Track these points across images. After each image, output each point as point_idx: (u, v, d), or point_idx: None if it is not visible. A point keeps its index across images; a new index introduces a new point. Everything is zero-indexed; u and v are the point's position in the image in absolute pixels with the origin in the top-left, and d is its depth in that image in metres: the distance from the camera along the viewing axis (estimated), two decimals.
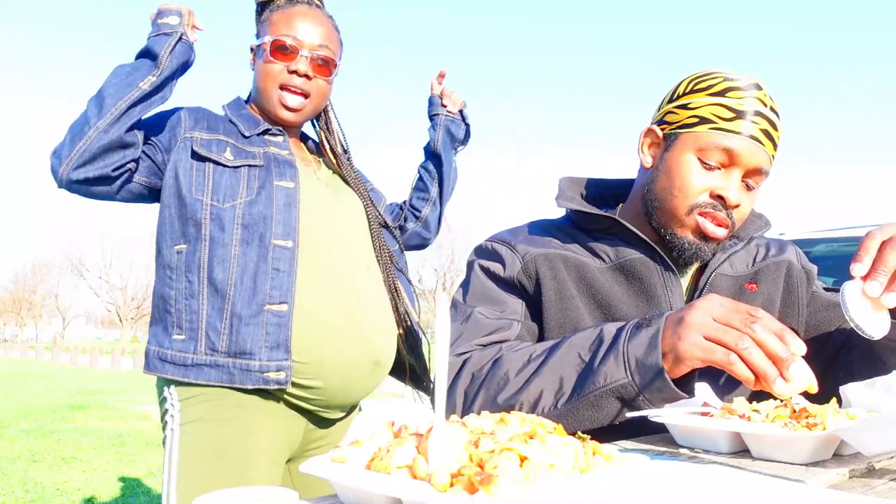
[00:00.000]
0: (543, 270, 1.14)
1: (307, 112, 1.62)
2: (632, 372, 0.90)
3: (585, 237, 1.19)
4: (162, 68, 1.43)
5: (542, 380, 0.97)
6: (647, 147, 1.19)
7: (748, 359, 0.82)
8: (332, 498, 0.66)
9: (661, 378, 0.88)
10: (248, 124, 1.58)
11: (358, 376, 1.50)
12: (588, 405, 0.93)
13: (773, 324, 0.84)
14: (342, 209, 1.63)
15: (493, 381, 1.01)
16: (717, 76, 1.11)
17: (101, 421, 7.70)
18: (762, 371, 0.81)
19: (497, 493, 0.50)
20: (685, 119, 1.12)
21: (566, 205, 1.20)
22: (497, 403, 0.99)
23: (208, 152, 1.48)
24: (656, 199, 1.15)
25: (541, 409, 0.96)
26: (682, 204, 1.11)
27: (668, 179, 1.13)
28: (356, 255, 1.59)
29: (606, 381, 0.92)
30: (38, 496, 4.25)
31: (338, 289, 1.50)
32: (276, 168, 1.51)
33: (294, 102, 1.59)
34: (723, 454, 0.86)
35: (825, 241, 4.09)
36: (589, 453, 0.61)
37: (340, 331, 1.47)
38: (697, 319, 0.87)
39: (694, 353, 0.86)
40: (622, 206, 1.27)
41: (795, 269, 1.26)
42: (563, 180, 1.27)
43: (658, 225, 1.15)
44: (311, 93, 1.60)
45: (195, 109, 1.58)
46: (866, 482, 0.73)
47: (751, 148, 1.08)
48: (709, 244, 1.12)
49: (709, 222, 1.10)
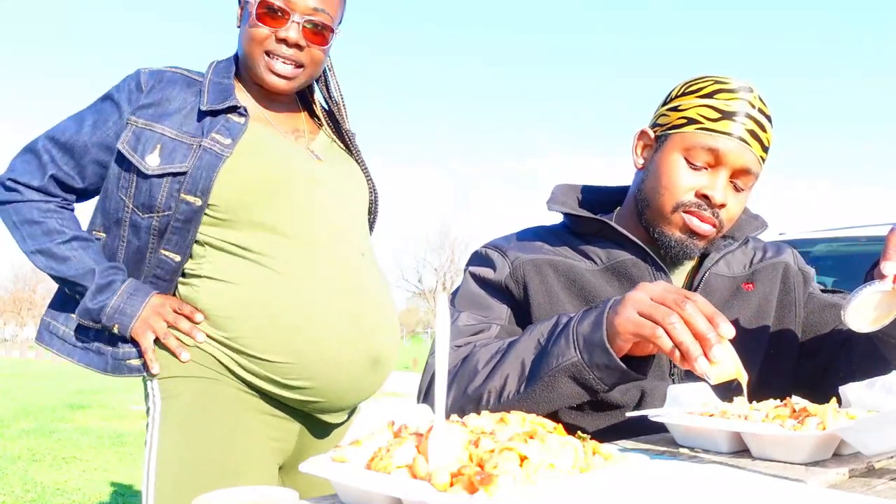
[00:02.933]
0: (531, 276, 1.17)
1: (301, 80, 1.43)
2: (580, 350, 0.94)
3: (578, 241, 1.22)
4: (82, 306, 1.35)
5: (507, 366, 1.01)
6: (640, 149, 1.22)
7: (673, 333, 0.85)
8: (332, 498, 0.66)
9: (606, 353, 0.91)
10: (213, 96, 1.38)
11: (355, 376, 1.38)
12: (544, 386, 0.97)
13: (705, 307, 0.86)
14: (336, 185, 1.45)
15: (464, 374, 1.05)
16: (708, 79, 1.14)
17: (101, 421, 7.70)
18: (685, 347, 0.84)
19: (497, 493, 0.50)
20: (675, 120, 1.15)
21: (557, 209, 1.23)
22: (467, 394, 1.02)
23: (132, 153, 1.33)
24: (645, 198, 1.18)
25: (506, 394, 1.00)
26: (669, 202, 1.13)
27: (655, 179, 1.16)
28: (351, 239, 1.43)
29: (559, 360, 0.95)
30: (38, 496, 4.25)
31: (329, 278, 1.35)
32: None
33: (284, 69, 1.39)
34: (723, 454, 0.86)
35: (825, 241, 4.09)
36: (589, 453, 0.61)
37: (333, 326, 1.34)
38: (635, 297, 0.91)
39: (626, 326, 0.90)
40: (619, 210, 1.29)
41: (792, 270, 1.27)
42: (558, 187, 1.30)
43: (647, 224, 1.18)
44: (304, 62, 1.40)
45: (154, 74, 1.40)
46: (866, 482, 0.73)
47: (737, 148, 1.10)
48: (695, 240, 1.14)
49: (695, 219, 1.12)
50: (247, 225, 1.34)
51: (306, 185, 1.39)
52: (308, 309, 1.33)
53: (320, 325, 1.33)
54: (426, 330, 58.32)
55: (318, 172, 1.42)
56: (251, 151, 1.36)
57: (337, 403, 1.41)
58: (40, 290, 67.23)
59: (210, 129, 1.35)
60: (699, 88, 1.13)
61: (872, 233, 3.80)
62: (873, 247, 3.61)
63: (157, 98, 1.37)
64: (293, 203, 1.37)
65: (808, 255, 3.97)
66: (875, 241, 3.63)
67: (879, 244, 0.98)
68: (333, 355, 1.34)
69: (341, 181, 1.47)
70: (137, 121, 1.35)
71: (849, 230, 4.09)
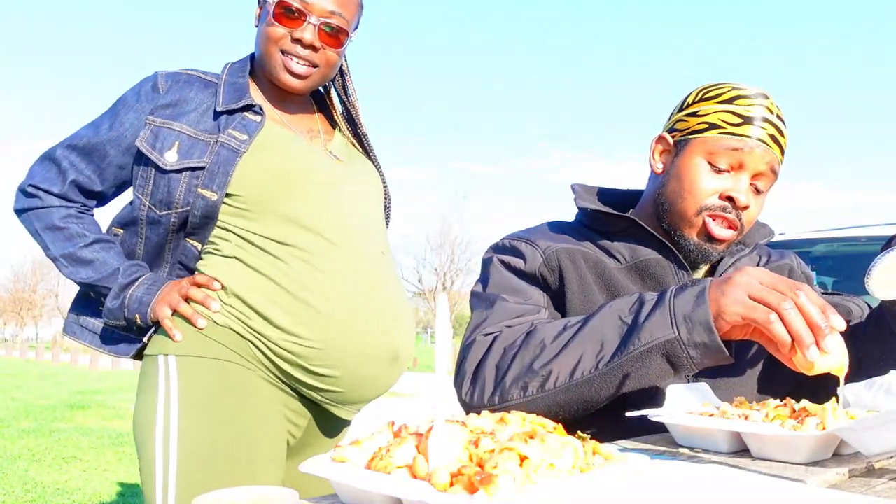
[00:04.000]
0: (566, 263, 1.16)
1: (315, 80, 1.45)
2: (678, 326, 0.92)
3: (600, 238, 1.22)
4: (107, 305, 1.39)
5: (582, 343, 0.98)
6: (658, 154, 1.23)
7: (788, 320, 0.85)
8: (332, 498, 0.66)
9: (709, 332, 0.90)
10: (229, 96, 1.41)
11: (376, 370, 1.39)
12: (632, 361, 0.94)
13: (816, 297, 0.86)
14: (356, 184, 1.47)
15: (528, 349, 1.01)
16: (724, 86, 1.16)
17: (101, 421, 7.70)
18: (799, 335, 0.84)
19: (497, 493, 0.50)
20: (695, 125, 1.16)
21: (586, 205, 1.23)
22: (533, 370, 0.99)
23: (150, 150, 1.36)
24: (667, 202, 1.18)
25: (580, 372, 0.97)
26: (692, 206, 1.15)
27: (678, 183, 1.17)
28: (372, 236, 1.45)
29: (652, 336, 0.93)
30: (38, 496, 4.25)
31: (355, 270, 1.37)
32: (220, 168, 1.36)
33: (300, 69, 1.41)
34: (723, 454, 0.86)
35: (825, 240, 4.09)
36: (589, 453, 0.61)
37: (360, 318, 1.35)
38: (744, 280, 0.90)
39: (735, 308, 0.89)
40: (633, 211, 1.30)
41: (796, 273, 1.30)
42: (577, 185, 1.31)
43: (668, 227, 1.19)
44: (319, 63, 1.43)
45: (171, 76, 1.43)
46: (866, 482, 0.73)
47: (759, 151, 1.12)
48: (714, 245, 1.16)
49: (715, 224, 1.14)
50: (270, 216, 1.36)
51: (326, 182, 1.41)
52: (337, 297, 1.35)
53: (349, 315, 1.35)
54: (426, 330, 58.29)
55: (337, 171, 1.45)
56: (269, 147, 1.39)
57: (353, 396, 1.42)
58: (40, 290, 67.27)
59: (227, 126, 1.38)
60: (717, 94, 1.15)
61: (872, 233, 3.80)
62: (873, 247, 3.61)
63: (174, 99, 1.40)
64: (313, 197, 1.39)
65: (808, 255, 3.97)
66: (875, 241, 3.63)
67: (879, 244, 0.99)
68: (359, 346, 1.36)
69: (360, 181, 1.49)
70: (156, 120, 1.38)
71: (849, 230, 4.09)
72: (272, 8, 1.38)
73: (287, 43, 1.39)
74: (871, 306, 1.23)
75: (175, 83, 1.42)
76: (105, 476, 4.88)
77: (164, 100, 1.40)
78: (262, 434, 1.33)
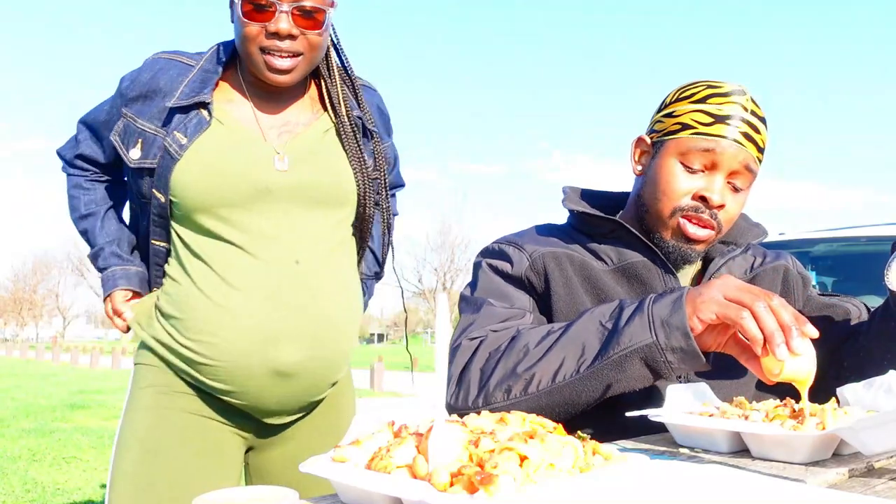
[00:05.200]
0: (552, 267, 1.18)
1: (302, 69, 1.36)
2: (656, 330, 0.94)
3: (588, 240, 1.23)
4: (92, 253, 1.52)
5: (564, 348, 1.00)
6: (637, 155, 1.24)
7: (760, 317, 0.87)
8: (332, 498, 0.66)
9: (685, 336, 0.92)
10: (189, 89, 1.36)
11: (261, 385, 1.34)
12: (611, 366, 0.96)
13: (789, 306, 0.89)
14: (295, 190, 1.37)
15: (512, 353, 1.03)
16: (700, 85, 1.16)
17: (102, 421, 7.70)
18: (770, 332, 0.86)
19: (497, 493, 0.50)
20: (670, 126, 1.17)
21: (573, 207, 1.24)
22: (516, 374, 1.01)
23: (121, 145, 1.39)
24: (645, 204, 1.19)
25: (562, 375, 0.99)
26: (666, 207, 1.15)
27: (654, 185, 1.17)
28: (288, 246, 1.36)
29: (631, 341, 0.95)
30: (39, 496, 4.26)
31: (249, 286, 1.32)
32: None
33: (283, 63, 1.33)
34: (723, 454, 0.86)
35: (825, 240, 4.09)
36: (589, 453, 0.61)
37: (238, 335, 1.31)
38: (720, 283, 0.94)
39: (711, 307, 0.91)
40: (620, 214, 1.30)
41: (792, 273, 1.29)
42: (567, 188, 1.32)
43: (647, 229, 1.19)
44: (303, 51, 1.34)
45: (150, 64, 1.40)
46: (866, 482, 0.73)
47: (731, 150, 1.11)
48: (691, 245, 1.16)
49: (690, 224, 1.14)
50: (194, 223, 1.36)
51: (253, 194, 1.35)
52: (221, 316, 1.32)
53: (228, 332, 1.31)
54: (426, 330, 58.30)
55: (272, 180, 1.36)
56: (204, 153, 1.34)
57: (264, 410, 1.38)
58: (40, 291, 67.28)
59: (175, 126, 1.35)
60: (692, 94, 1.15)
61: (872, 233, 3.80)
62: (873, 247, 3.61)
63: (145, 90, 1.39)
64: (234, 210, 1.34)
65: (808, 255, 3.97)
66: (875, 241, 3.63)
67: (879, 244, 1.00)
68: (235, 363, 1.32)
69: (304, 187, 1.39)
70: (127, 113, 1.40)
71: (849, 230, 4.09)
72: (239, 7, 1.31)
73: (264, 39, 1.31)
74: (870, 308, 1.23)
75: (151, 71, 1.39)
76: (105, 476, 4.88)
77: (136, 91, 1.39)
78: (213, 446, 1.37)
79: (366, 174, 1.46)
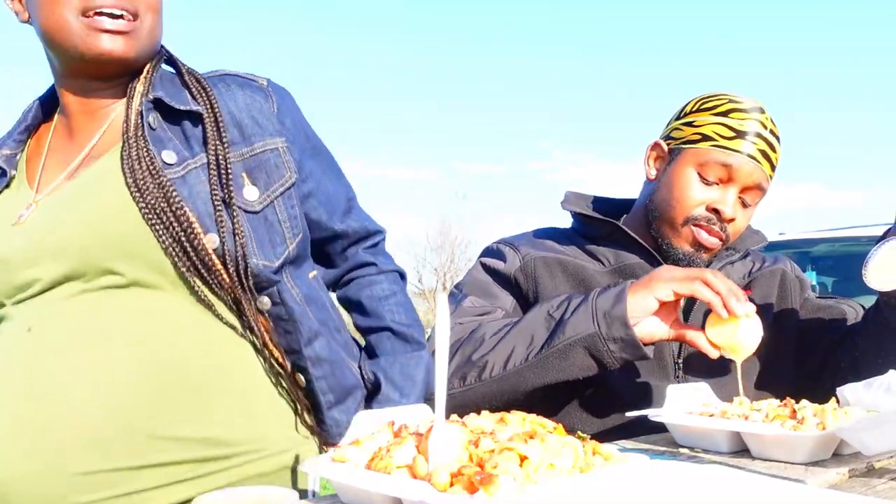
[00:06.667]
0: (541, 272, 1.21)
1: (141, 39, 0.91)
2: (598, 322, 1.01)
3: (587, 243, 1.26)
4: None
5: (515, 337, 1.07)
6: (652, 160, 1.25)
7: (711, 283, 0.98)
8: (332, 497, 0.66)
9: (624, 326, 1.00)
10: (12, 129, 1.01)
11: None
12: (557, 354, 1.03)
13: (728, 280, 1.00)
14: (36, 241, 0.89)
15: (470, 343, 1.10)
16: (722, 97, 1.17)
17: None
18: (725, 291, 0.97)
19: (497, 493, 0.50)
20: (689, 136, 1.18)
21: (571, 209, 1.27)
22: (471, 361, 1.08)
23: None
24: (656, 209, 1.20)
25: (513, 363, 1.05)
26: (680, 215, 1.16)
27: (668, 191, 1.19)
28: (19, 314, 0.89)
29: (575, 331, 1.02)
30: None
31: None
32: None
33: (116, 24, 0.88)
34: (723, 454, 0.86)
35: (825, 240, 4.10)
36: (589, 453, 0.61)
37: None
38: (664, 269, 1.05)
39: (665, 286, 1.00)
40: (626, 217, 1.32)
41: (789, 277, 1.31)
42: (570, 192, 1.34)
43: (656, 234, 1.21)
44: (137, 10, 0.90)
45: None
46: (866, 482, 0.73)
47: (748, 166, 1.14)
48: (702, 253, 1.18)
49: (703, 232, 1.16)
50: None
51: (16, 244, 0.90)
52: None
53: None
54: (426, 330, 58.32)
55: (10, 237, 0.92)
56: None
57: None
58: None
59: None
60: (714, 106, 1.17)
61: (872, 233, 3.80)
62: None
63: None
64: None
65: (808, 255, 3.97)
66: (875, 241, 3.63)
67: None
68: None
69: (53, 234, 0.89)
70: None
71: (849, 230, 4.09)
72: None
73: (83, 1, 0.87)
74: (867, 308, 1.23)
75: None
76: None
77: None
78: None
79: (168, 191, 0.92)
